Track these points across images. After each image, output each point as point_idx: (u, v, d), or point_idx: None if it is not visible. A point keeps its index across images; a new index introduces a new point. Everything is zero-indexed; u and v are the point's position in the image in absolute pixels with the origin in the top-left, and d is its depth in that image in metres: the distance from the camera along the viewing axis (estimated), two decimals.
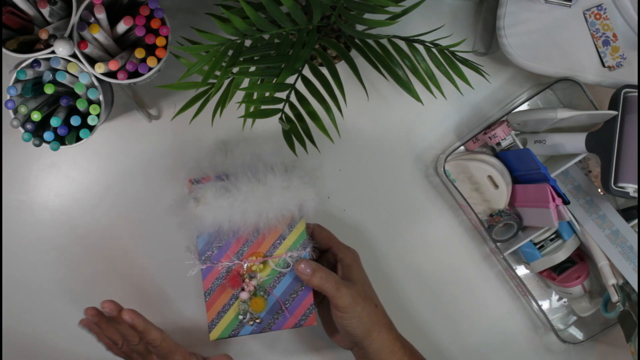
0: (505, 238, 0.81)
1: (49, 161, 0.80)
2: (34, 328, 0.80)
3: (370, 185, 0.83)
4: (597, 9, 0.75)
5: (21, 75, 0.65)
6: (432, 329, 0.84)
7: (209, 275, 0.73)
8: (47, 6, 0.64)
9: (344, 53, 0.64)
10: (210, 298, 0.73)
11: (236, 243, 0.73)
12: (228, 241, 0.73)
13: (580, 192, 0.81)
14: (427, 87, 0.67)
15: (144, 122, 0.80)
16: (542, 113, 0.76)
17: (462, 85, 0.68)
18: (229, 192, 0.70)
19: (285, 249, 0.73)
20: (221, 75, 0.61)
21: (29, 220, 0.80)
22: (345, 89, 0.63)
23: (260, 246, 0.74)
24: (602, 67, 0.76)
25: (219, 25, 0.61)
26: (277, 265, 0.73)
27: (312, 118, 0.62)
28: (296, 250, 0.73)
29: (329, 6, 0.63)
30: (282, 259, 0.73)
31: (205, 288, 0.73)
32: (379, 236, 0.83)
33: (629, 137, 0.73)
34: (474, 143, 0.80)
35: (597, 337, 0.82)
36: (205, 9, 0.71)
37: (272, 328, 0.74)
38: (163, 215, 0.80)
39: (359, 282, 0.73)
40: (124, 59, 0.68)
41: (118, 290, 0.81)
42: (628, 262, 0.78)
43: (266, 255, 0.73)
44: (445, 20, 0.80)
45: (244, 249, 0.73)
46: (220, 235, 0.72)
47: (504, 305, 0.85)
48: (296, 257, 0.73)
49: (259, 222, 0.71)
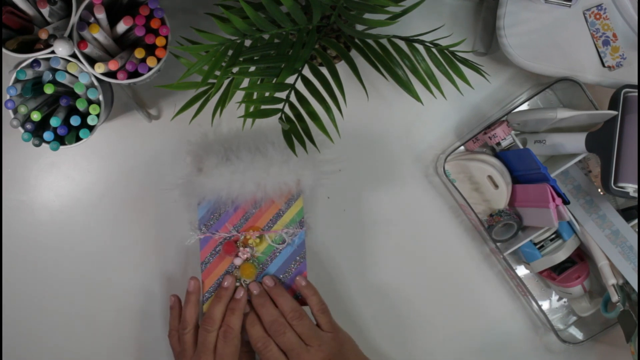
0: (505, 238, 0.81)
1: (49, 161, 0.80)
2: (34, 328, 0.80)
3: (370, 186, 0.83)
4: (597, 9, 0.75)
5: (21, 75, 0.65)
6: (431, 328, 0.84)
7: (207, 246, 0.75)
8: (46, 6, 0.64)
9: (344, 53, 0.64)
10: (206, 269, 0.75)
11: (235, 215, 0.75)
12: (227, 212, 0.75)
13: (580, 192, 0.81)
14: (427, 87, 0.67)
15: (144, 122, 0.80)
16: (542, 113, 0.76)
17: (462, 85, 0.68)
18: (229, 161, 0.72)
19: (282, 225, 0.75)
20: (221, 75, 0.61)
21: (29, 220, 0.80)
22: (345, 89, 0.62)
23: (258, 220, 0.75)
24: (602, 67, 0.76)
25: (219, 25, 0.61)
26: (274, 241, 0.75)
27: (312, 118, 0.62)
28: (293, 227, 0.75)
29: (329, 6, 0.63)
30: (278, 235, 0.75)
31: (202, 258, 0.75)
32: (379, 236, 0.83)
33: (629, 137, 0.73)
34: (474, 143, 0.80)
35: (597, 337, 0.81)
36: (205, 9, 0.71)
37: None
38: (163, 215, 0.80)
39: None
40: (124, 59, 0.68)
41: (118, 289, 0.81)
42: (628, 262, 0.78)
43: (263, 230, 0.74)
44: (445, 20, 0.81)
45: (243, 222, 0.75)
46: (220, 205, 0.74)
47: (504, 305, 0.85)
48: (292, 233, 0.74)
49: (257, 192, 0.72)
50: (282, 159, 0.73)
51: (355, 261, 0.83)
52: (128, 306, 0.81)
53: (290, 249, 0.76)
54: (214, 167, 0.72)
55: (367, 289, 0.83)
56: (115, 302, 0.81)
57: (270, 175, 0.72)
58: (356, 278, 0.83)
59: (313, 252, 0.82)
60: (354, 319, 0.83)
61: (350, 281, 0.83)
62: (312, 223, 0.82)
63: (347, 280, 0.83)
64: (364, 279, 0.83)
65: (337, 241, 0.82)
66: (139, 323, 0.81)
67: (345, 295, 0.83)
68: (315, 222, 0.82)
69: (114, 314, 0.81)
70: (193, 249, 0.78)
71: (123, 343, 0.81)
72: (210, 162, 0.73)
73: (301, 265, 0.76)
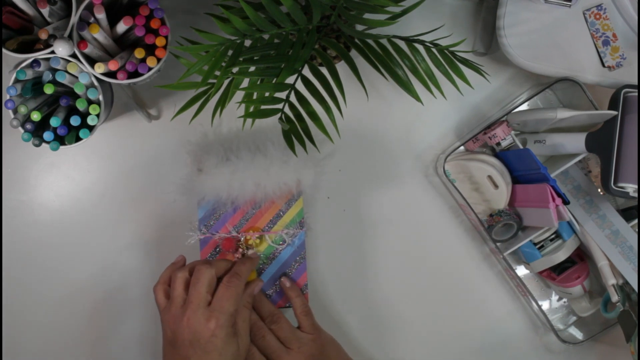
0: (505, 238, 0.81)
1: (48, 161, 0.80)
2: (34, 328, 0.80)
3: (370, 186, 0.83)
4: (597, 9, 0.75)
5: (21, 75, 0.65)
6: (431, 328, 0.84)
7: (207, 246, 0.75)
8: (46, 6, 0.64)
9: (343, 53, 0.64)
10: None
11: (235, 216, 0.75)
12: (227, 213, 0.75)
13: (580, 192, 0.81)
14: (427, 87, 0.67)
15: (143, 122, 0.80)
16: (542, 113, 0.76)
17: (462, 85, 0.68)
18: (229, 161, 0.73)
19: (282, 225, 0.75)
20: (221, 75, 0.61)
21: (29, 220, 0.80)
22: (345, 89, 0.62)
23: (258, 221, 0.75)
24: (602, 67, 0.76)
25: (219, 25, 0.61)
26: (274, 242, 0.75)
27: (312, 118, 0.62)
28: (293, 228, 0.75)
29: (328, 6, 0.63)
30: (278, 235, 0.75)
31: (202, 258, 0.74)
32: (379, 236, 0.83)
33: (629, 137, 0.73)
34: (473, 143, 0.80)
35: (597, 337, 0.82)
36: (205, 9, 0.71)
37: None
38: (163, 215, 0.80)
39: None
40: (124, 59, 0.68)
41: (118, 288, 0.81)
42: (628, 262, 0.78)
43: (263, 230, 0.74)
44: (445, 20, 0.81)
45: (243, 223, 0.75)
46: (220, 205, 0.74)
47: (504, 305, 0.85)
48: (292, 234, 0.75)
49: (257, 192, 0.73)
50: (282, 159, 0.73)
51: (355, 261, 0.83)
52: (128, 306, 0.81)
53: (290, 250, 0.76)
54: (213, 167, 0.73)
55: (367, 288, 0.83)
56: (116, 302, 0.81)
57: (270, 175, 0.72)
58: (356, 278, 0.83)
59: (313, 252, 0.82)
60: (354, 319, 0.83)
61: (350, 281, 0.83)
62: (312, 223, 0.82)
63: (347, 279, 0.83)
64: (364, 279, 0.83)
65: (337, 241, 0.82)
66: (139, 323, 0.81)
67: (345, 295, 0.83)
68: (315, 222, 0.82)
69: (114, 314, 0.81)
70: (193, 249, 0.78)
71: (123, 343, 0.81)
72: (210, 162, 0.73)
73: (301, 266, 0.76)
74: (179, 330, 0.65)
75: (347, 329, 0.83)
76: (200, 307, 0.65)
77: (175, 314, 0.66)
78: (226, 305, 0.65)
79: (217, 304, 0.65)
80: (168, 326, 0.66)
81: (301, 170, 0.73)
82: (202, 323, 0.64)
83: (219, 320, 0.64)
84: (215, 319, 0.64)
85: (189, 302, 0.65)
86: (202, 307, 0.65)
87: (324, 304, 0.82)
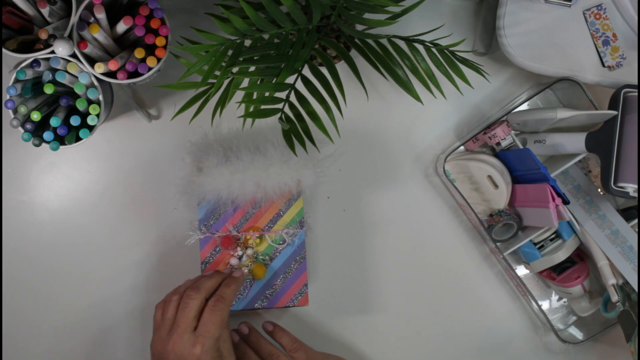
0: (505, 238, 0.81)
1: (48, 161, 0.80)
2: (34, 327, 0.80)
3: (370, 186, 0.83)
4: (597, 9, 0.75)
5: (21, 75, 0.65)
6: (431, 328, 0.84)
7: (207, 246, 0.75)
8: (46, 6, 0.64)
9: (343, 53, 0.64)
10: (206, 269, 0.75)
11: (235, 215, 0.75)
12: (227, 213, 0.75)
13: (580, 192, 0.81)
14: (427, 87, 0.67)
15: (143, 122, 0.80)
16: (542, 113, 0.76)
17: (462, 85, 0.68)
18: (229, 161, 0.73)
19: (282, 225, 0.76)
20: (221, 75, 0.61)
21: (29, 220, 0.80)
22: (345, 89, 0.62)
23: (258, 221, 0.76)
24: (602, 67, 0.76)
25: (219, 25, 0.61)
26: (274, 241, 0.75)
27: (311, 118, 0.62)
28: (293, 227, 0.75)
29: (328, 6, 0.63)
30: (278, 235, 0.75)
31: (202, 258, 0.75)
32: (379, 236, 0.83)
33: (629, 137, 0.73)
34: (473, 143, 0.80)
35: (597, 337, 0.82)
36: (205, 9, 0.71)
37: (264, 305, 0.76)
38: (163, 215, 0.80)
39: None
40: (124, 59, 0.68)
41: (118, 289, 0.81)
42: (628, 262, 0.78)
43: (263, 230, 0.74)
44: (445, 20, 0.81)
45: (243, 222, 0.75)
46: (220, 205, 0.74)
47: (504, 305, 0.85)
48: (292, 234, 0.75)
49: (257, 192, 0.73)
50: (282, 159, 0.73)
51: (355, 260, 0.83)
52: (128, 306, 0.81)
53: (291, 249, 0.76)
54: (213, 167, 0.73)
55: (366, 288, 0.83)
56: (116, 302, 0.81)
57: (270, 175, 0.72)
58: (356, 277, 0.83)
59: (313, 252, 0.82)
60: (354, 319, 0.83)
61: (350, 280, 0.83)
62: (312, 223, 0.82)
63: (347, 279, 0.83)
64: (364, 278, 0.83)
65: (337, 241, 0.82)
66: (139, 323, 0.81)
67: (345, 294, 0.83)
68: (315, 222, 0.82)
69: (115, 314, 0.81)
70: (193, 249, 0.78)
71: (123, 343, 0.81)
72: (210, 162, 0.73)
73: (301, 266, 0.76)
74: (164, 353, 0.67)
75: (346, 328, 0.83)
76: (186, 332, 0.66)
77: (162, 337, 0.68)
78: (212, 329, 0.67)
79: (203, 329, 0.67)
80: (155, 348, 0.68)
81: (301, 170, 0.73)
82: (187, 348, 0.66)
83: (204, 346, 0.66)
84: (200, 344, 0.66)
85: (176, 326, 0.67)
86: (188, 332, 0.66)
87: (324, 304, 0.82)
